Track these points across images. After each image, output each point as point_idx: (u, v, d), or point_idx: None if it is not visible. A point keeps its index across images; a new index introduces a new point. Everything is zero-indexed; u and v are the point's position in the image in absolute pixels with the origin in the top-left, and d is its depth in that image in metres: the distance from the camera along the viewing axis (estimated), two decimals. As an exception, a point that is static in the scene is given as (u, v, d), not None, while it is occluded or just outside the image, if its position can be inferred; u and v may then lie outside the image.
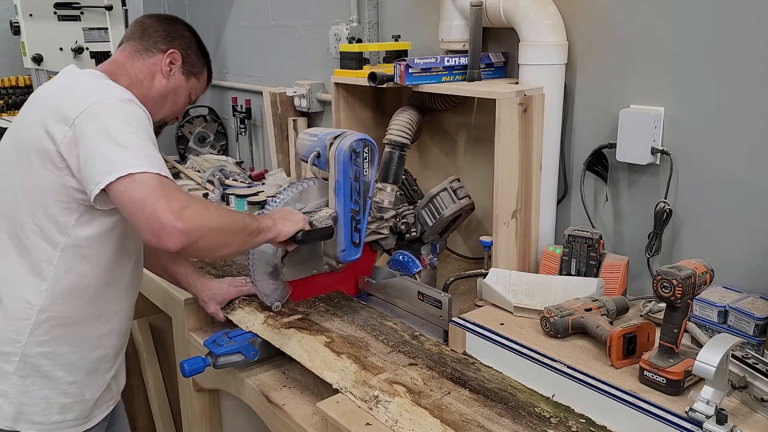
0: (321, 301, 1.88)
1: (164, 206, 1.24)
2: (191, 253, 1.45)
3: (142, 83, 1.55)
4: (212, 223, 1.31)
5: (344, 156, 1.64)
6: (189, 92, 1.66)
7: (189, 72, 1.64)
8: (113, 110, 1.32)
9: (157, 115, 1.59)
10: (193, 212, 1.27)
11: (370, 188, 1.71)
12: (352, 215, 1.69)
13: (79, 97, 1.35)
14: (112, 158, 1.26)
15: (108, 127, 1.29)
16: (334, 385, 1.47)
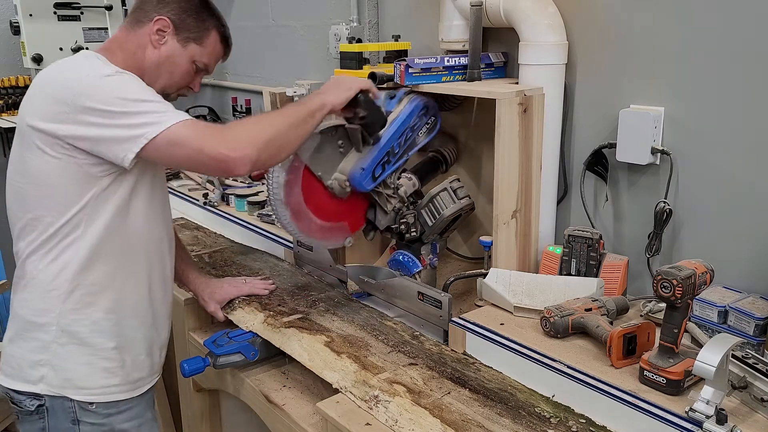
0: (321, 301, 1.88)
1: (213, 146, 1.31)
2: (262, 167, 1.46)
3: (135, 55, 1.52)
4: (264, 134, 1.36)
5: (417, 104, 1.82)
6: (190, 60, 1.56)
7: (186, 38, 1.54)
8: (106, 86, 1.34)
9: (154, 87, 1.52)
10: (241, 135, 1.34)
11: (413, 149, 1.84)
12: (389, 152, 1.77)
13: (70, 80, 1.36)
14: (132, 127, 1.31)
15: (110, 102, 1.32)
16: (334, 384, 1.47)
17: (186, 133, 1.32)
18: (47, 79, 1.42)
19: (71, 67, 1.41)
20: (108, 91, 1.34)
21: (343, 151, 1.78)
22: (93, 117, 1.32)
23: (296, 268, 2.17)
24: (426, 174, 1.99)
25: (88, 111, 1.32)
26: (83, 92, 1.33)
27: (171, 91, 1.58)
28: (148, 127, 1.31)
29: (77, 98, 1.32)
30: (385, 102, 1.84)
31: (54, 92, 1.37)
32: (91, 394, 1.47)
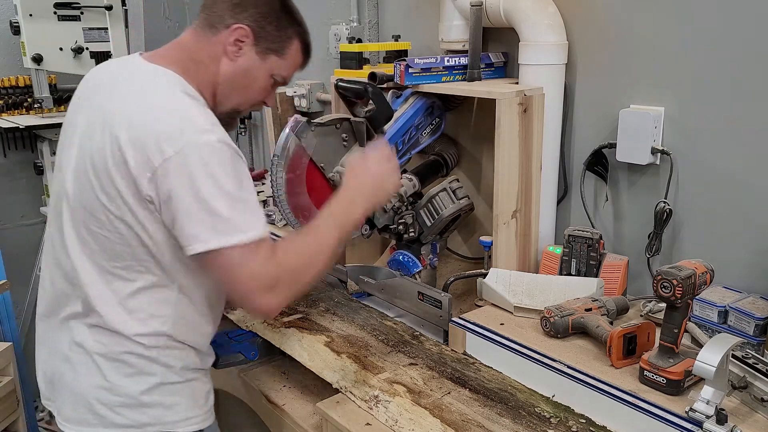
0: (321, 301, 1.88)
1: (254, 290, 1.19)
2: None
3: (208, 68, 1.31)
4: (305, 279, 1.26)
5: (423, 104, 1.82)
6: (269, 73, 1.35)
7: (265, 49, 1.33)
8: (199, 159, 1.15)
9: (227, 104, 1.36)
10: (284, 283, 1.22)
11: (416, 147, 1.84)
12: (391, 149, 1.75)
13: (159, 131, 1.16)
14: (198, 225, 1.16)
15: (195, 186, 1.14)
16: (334, 384, 1.47)
17: (235, 258, 1.17)
18: (121, 114, 1.20)
19: (156, 106, 1.20)
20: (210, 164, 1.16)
21: (347, 145, 1.79)
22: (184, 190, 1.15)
23: (296, 268, 2.17)
24: (427, 176, 1.99)
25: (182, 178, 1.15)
26: (180, 152, 1.14)
27: (244, 108, 1.40)
28: (232, 232, 1.16)
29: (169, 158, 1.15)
30: (391, 100, 1.85)
31: (136, 137, 1.17)
32: (197, 422, 1.38)
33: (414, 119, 1.83)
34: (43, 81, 3.51)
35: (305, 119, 1.71)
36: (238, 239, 1.16)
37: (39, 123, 3.38)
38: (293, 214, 1.72)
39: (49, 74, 3.54)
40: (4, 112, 3.56)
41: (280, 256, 1.22)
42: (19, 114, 3.59)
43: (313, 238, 1.29)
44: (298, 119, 1.70)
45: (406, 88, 1.86)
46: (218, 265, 1.19)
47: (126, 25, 3.33)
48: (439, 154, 2.05)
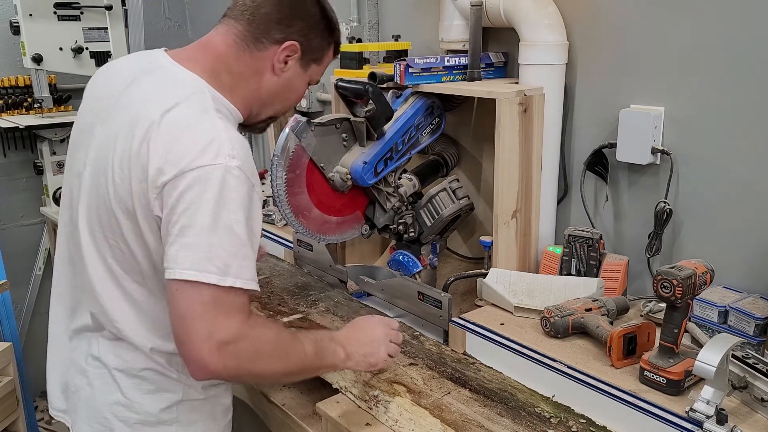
0: (321, 301, 1.88)
1: (204, 334, 1.07)
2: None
3: (248, 82, 1.26)
4: (256, 368, 1.15)
5: (423, 103, 1.83)
6: (307, 81, 1.35)
7: (309, 60, 1.31)
8: (205, 187, 1.08)
9: (264, 114, 1.34)
10: (238, 350, 1.10)
11: (416, 147, 1.85)
12: (392, 148, 1.78)
13: (174, 150, 1.10)
14: (180, 251, 1.08)
15: (193, 211, 1.08)
16: (334, 384, 1.47)
17: (204, 296, 1.08)
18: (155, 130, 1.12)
19: (184, 122, 1.13)
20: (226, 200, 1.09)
21: (347, 145, 1.79)
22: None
23: (296, 268, 2.17)
24: (427, 176, 2.00)
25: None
26: (195, 173, 1.08)
27: (281, 115, 1.39)
28: (218, 271, 1.08)
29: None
30: (391, 100, 1.85)
31: (158, 151, 1.11)
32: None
33: (414, 119, 1.83)
34: (43, 81, 3.50)
35: (305, 119, 1.71)
36: (220, 280, 1.08)
37: (39, 123, 3.38)
38: (293, 214, 1.72)
39: (49, 74, 3.53)
40: (4, 112, 3.56)
41: (252, 323, 1.14)
42: (19, 114, 3.59)
43: (290, 339, 1.22)
44: (298, 119, 1.70)
45: (406, 88, 1.86)
46: (184, 297, 1.08)
47: (126, 25, 3.33)
48: (439, 154, 2.05)
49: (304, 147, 1.70)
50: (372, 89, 1.68)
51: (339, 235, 1.87)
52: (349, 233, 1.88)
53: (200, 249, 1.07)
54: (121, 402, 1.26)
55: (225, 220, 1.09)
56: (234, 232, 1.09)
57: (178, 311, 1.09)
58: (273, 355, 1.18)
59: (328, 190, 1.79)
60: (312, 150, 1.72)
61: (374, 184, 1.81)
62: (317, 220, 1.78)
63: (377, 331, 1.39)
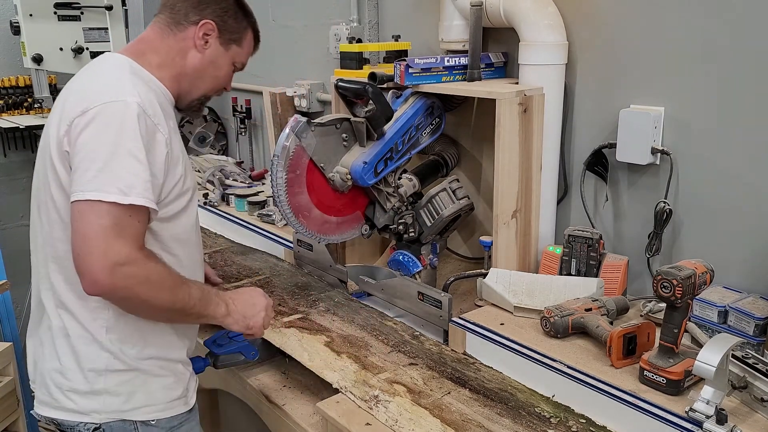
0: (321, 301, 1.88)
1: (99, 253, 1.16)
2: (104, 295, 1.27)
3: (174, 61, 1.42)
4: (143, 293, 1.22)
5: (423, 103, 1.83)
6: (231, 62, 1.49)
7: (228, 40, 1.46)
8: (107, 118, 1.22)
9: (195, 92, 1.47)
10: (129, 273, 1.19)
11: (416, 148, 1.86)
12: (392, 148, 1.78)
13: (87, 94, 1.27)
14: (84, 174, 1.19)
15: (96, 141, 1.21)
16: (334, 384, 1.47)
17: (104, 216, 1.17)
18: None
19: (97, 77, 1.35)
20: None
21: (347, 145, 1.79)
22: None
23: (296, 268, 2.17)
24: (427, 176, 2.00)
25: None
26: (99, 108, 1.23)
27: (211, 94, 1.51)
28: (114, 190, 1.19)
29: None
30: (391, 100, 1.85)
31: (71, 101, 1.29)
32: (155, 411, 1.38)
33: (414, 119, 1.83)
34: (43, 81, 3.51)
35: (305, 119, 1.71)
36: (116, 198, 1.18)
37: (39, 123, 3.38)
38: (293, 214, 1.72)
39: (49, 74, 3.54)
40: (4, 112, 3.56)
41: (147, 252, 1.24)
42: (19, 114, 3.59)
43: (179, 278, 1.30)
44: (298, 119, 1.70)
45: (406, 88, 1.86)
46: (85, 217, 1.18)
47: (126, 25, 3.33)
48: (439, 154, 2.05)
49: (304, 147, 1.70)
50: (372, 89, 1.68)
51: (339, 235, 1.87)
52: (349, 233, 1.88)
53: (102, 172, 1.19)
54: (58, 369, 1.33)
55: (126, 146, 1.21)
56: (136, 157, 1.22)
57: (78, 230, 1.19)
58: (162, 286, 1.26)
59: (328, 190, 1.79)
60: (312, 150, 1.72)
61: (374, 184, 1.81)
62: (317, 220, 1.79)
63: (259, 300, 1.48)
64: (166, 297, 1.27)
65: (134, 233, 1.22)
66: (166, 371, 1.39)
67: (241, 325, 1.44)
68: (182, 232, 1.40)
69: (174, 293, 1.29)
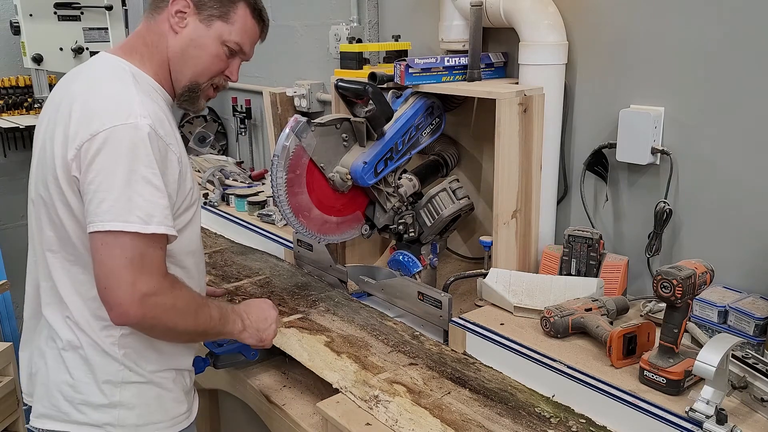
0: (321, 301, 1.88)
1: (128, 285, 1.16)
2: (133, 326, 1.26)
3: (157, 48, 1.34)
4: (170, 321, 1.23)
5: (423, 103, 1.83)
6: (218, 40, 1.35)
7: (209, 16, 1.34)
8: (119, 144, 1.17)
9: (182, 78, 1.37)
10: (158, 303, 1.19)
11: (416, 148, 1.86)
12: (392, 148, 1.78)
13: (94, 113, 1.19)
14: (101, 204, 1.15)
15: (109, 169, 1.16)
16: (334, 384, 1.47)
17: (127, 249, 1.15)
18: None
19: (99, 91, 1.26)
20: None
21: (347, 145, 1.79)
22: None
23: (296, 268, 2.17)
24: (427, 176, 2.00)
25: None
26: (109, 132, 1.17)
27: (203, 80, 1.38)
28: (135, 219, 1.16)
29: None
30: (391, 100, 1.85)
31: (75, 118, 1.22)
32: (165, 427, 1.37)
33: (414, 119, 1.83)
34: (43, 81, 3.51)
35: (305, 119, 1.71)
36: (138, 228, 1.15)
37: (39, 123, 3.38)
38: (293, 214, 1.72)
39: (49, 74, 3.54)
40: (4, 112, 3.56)
41: (171, 279, 1.24)
42: (19, 114, 3.59)
43: (201, 301, 1.32)
44: (298, 119, 1.70)
45: (406, 88, 1.86)
46: (109, 250, 1.16)
47: (126, 25, 3.33)
48: (439, 154, 2.05)
49: (304, 147, 1.70)
50: (372, 89, 1.68)
51: (339, 235, 1.87)
52: (349, 233, 1.88)
53: (120, 202, 1.16)
54: (68, 381, 1.30)
55: (141, 173, 1.17)
56: (152, 183, 1.18)
57: (103, 263, 1.17)
58: (186, 312, 1.26)
59: (328, 190, 1.79)
60: (312, 150, 1.72)
61: (374, 184, 1.81)
62: (317, 220, 1.79)
63: (270, 313, 1.49)
64: (190, 322, 1.28)
65: (158, 262, 1.21)
66: (176, 384, 1.38)
67: (255, 338, 1.45)
68: (190, 243, 1.39)
69: (197, 317, 1.29)
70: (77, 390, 1.29)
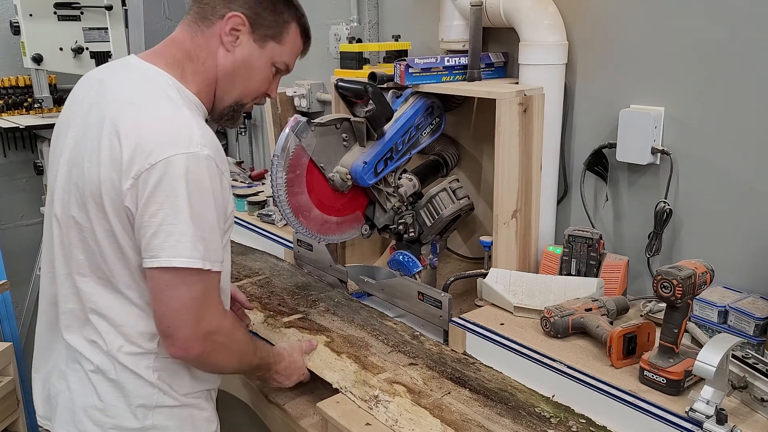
0: (321, 301, 1.88)
1: (193, 325, 1.18)
2: (193, 361, 1.28)
3: (205, 64, 1.26)
4: (220, 361, 1.27)
5: (423, 103, 1.83)
6: (270, 61, 1.32)
7: (263, 36, 1.28)
8: (181, 176, 1.12)
9: (227, 99, 1.31)
10: (217, 341, 1.23)
11: (416, 147, 1.86)
12: (392, 148, 1.78)
13: (149, 138, 1.13)
14: (167, 239, 1.12)
15: (171, 200, 1.12)
16: (334, 384, 1.47)
17: (194, 288, 1.16)
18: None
19: (149, 114, 1.19)
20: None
21: (347, 145, 1.79)
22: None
23: (296, 268, 2.17)
24: (427, 176, 2.00)
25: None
26: (166, 162, 1.12)
27: (247, 100, 1.35)
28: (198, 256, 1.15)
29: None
30: (391, 100, 1.85)
31: (126, 144, 1.15)
32: None
33: (414, 119, 1.83)
34: (43, 81, 3.51)
35: (305, 119, 1.71)
36: (202, 264, 1.15)
37: (39, 123, 3.38)
38: (293, 214, 1.72)
39: (49, 74, 3.54)
40: (4, 112, 3.56)
41: (231, 318, 1.27)
42: (19, 114, 3.59)
43: (251, 348, 1.37)
44: (298, 119, 1.70)
45: (406, 88, 1.86)
46: (174, 287, 1.15)
47: (126, 25, 3.33)
48: (439, 154, 2.05)
49: (304, 147, 1.70)
50: (372, 89, 1.68)
51: (339, 235, 1.87)
52: (349, 233, 1.88)
53: (185, 237, 1.13)
54: (97, 405, 1.26)
55: (202, 210, 1.15)
56: (209, 220, 1.16)
57: (167, 302, 1.16)
58: (236, 354, 1.31)
59: (328, 190, 1.79)
60: (312, 150, 1.72)
61: (374, 184, 1.81)
62: (317, 220, 1.78)
63: (299, 363, 1.54)
64: (234, 364, 1.33)
65: (218, 299, 1.22)
66: (207, 402, 1.38)
67: (277, 383, 1.51)
68: (227, 263, 1.35)
69: (241, 362, 1.35)
70: (107, 414, 1.26)
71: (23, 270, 3.60)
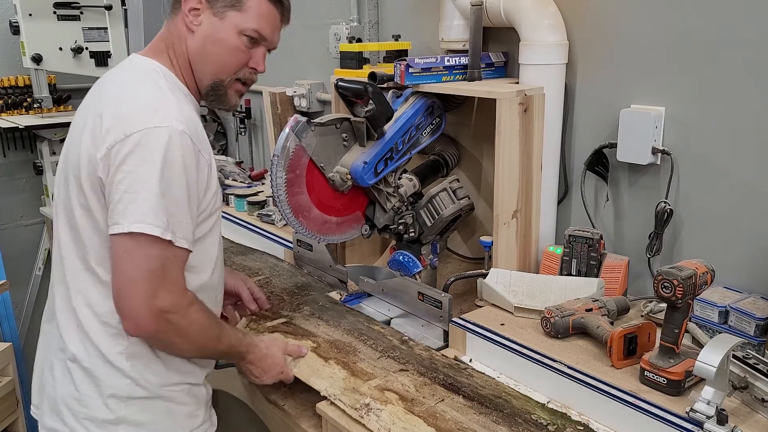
0: (305, 305, 1.86)
1: (145, 298, 1.15)
2: (144, 337, 1.26)
3: (180, 49, 1.32)
4: (179, 343, 1.25)
5: (423, 103, 1.83)
6: (235, 31, 1.31)
7: (222, 8, 1.30)
8: (152, 148, 1.15)
9: (205, 78, 1.34)
10: (172, 321, 1.19)
11: (416, 147, 1.86)
12: (392, 148, 1.78)
13: (129, 114, 1.18)
14: (129, 206, 1.14)
15: (139, 171, 1.14)
16: (322, 392, 1.43)
17: (152, 258, 1.15)
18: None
19: (132, 93, 1.26)
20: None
21: (347, 145, 1.79)
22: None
23: (296, 268, 2.16)
24: (427, 176, 1.99)
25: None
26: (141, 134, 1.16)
27: (225, 76, 1.35)
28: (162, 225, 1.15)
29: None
30: (391, 100, 1.85)
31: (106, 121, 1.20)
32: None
33: (414, 119, 1.83)
34: (43, 81, 3.50)
35: (305, 119, 1.71)
36: (163, 233, 1.14)
37: (38, 123, 3.38)
38: (293, 214, 1.72)
39: (48, 74, 3.53)
40: (3, 112, 3.56)
41: (190, 298, 1.23)
42: (19, 114, 3.59)
43: (216, 334, 1.32)
44: (298, 119, 1.70)
45: (406, 88, 1.86)
46: (132, 257, 1.15)
47: (126, 25, 3.33)
48: (439, 154, 2.05)
49: (304, 147, 1.70)
50: (372, 89, 1.67)
51: (339, 235, 1.86)
52: (349, 233, 1.88)
53: (148, 203, 1.14)
54: (74, 395, 1.27)
55: (172, 183, 1.16)
56: (174, 193, 1.17)
57: (123, 270, 1.16)
58: (195, 338, 1.27)
59: (328, 190, 1.78)
60: (312, 150, 1.72)
61: (374, 184, 1.81)
62: (317, 220, 1.78)
63: (279, 355, 1.49)
64: (193, 348, 1.29)
65: (179, 278, 1.21)
66: (190, 397, 1.35)
67: (253, 375, 1.46)
68: (210, 253, 1.35)
69: (202, 347, 1.31)
70: (82, 404, 1.26)
71: (23, 270, 3.60)
